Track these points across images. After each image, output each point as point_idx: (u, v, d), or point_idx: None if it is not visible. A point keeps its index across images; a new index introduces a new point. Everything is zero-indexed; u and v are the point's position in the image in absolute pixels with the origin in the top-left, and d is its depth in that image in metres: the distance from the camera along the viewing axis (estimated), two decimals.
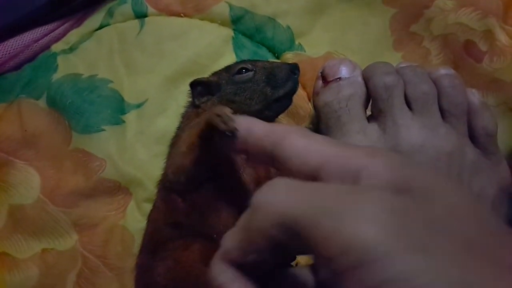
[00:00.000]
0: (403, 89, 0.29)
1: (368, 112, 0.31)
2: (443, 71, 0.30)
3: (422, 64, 0.34)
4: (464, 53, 0.37)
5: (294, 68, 0.31)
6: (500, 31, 0.36)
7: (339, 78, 0.30)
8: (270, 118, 0.32)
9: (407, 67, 0.30)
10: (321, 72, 0.32)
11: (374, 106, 0.30)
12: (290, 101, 0.32)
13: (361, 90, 0.30)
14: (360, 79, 0.30)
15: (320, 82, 0.32)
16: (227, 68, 0.33)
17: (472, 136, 0.29)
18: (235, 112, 0.30)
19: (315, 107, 0.32)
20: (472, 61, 0.36)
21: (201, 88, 0.32)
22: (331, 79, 0.31)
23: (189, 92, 0.33)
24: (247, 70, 0.31)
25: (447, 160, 0.27)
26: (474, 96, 0.30)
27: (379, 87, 0.29)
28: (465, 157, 0.28)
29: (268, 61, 0.33)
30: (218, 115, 0.24)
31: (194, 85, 0.33)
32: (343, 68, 0.31)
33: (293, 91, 0.32)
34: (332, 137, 0.30)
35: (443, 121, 0.29)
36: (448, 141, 0.28)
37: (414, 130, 0.28)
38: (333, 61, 0.32)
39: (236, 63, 0.33)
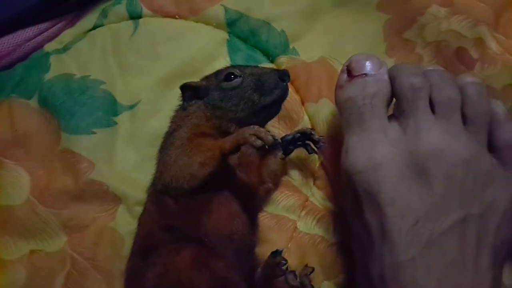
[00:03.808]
0: (429, 92, 0.29)
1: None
2: (469, 79, 0.30)
3: None
4: (455, 60, 0.37)
5: (283, 75, 0.31)
6: (491, 39, 0.36)
7: (365, 74, 0.30)
8: (258, 125, 0.31)
9: (435, 70, 0.30)
10: (346, 66, 0.32)
11: (398, 106, 0.30)
12: (278, 108, 0.32)
13: (386, 89, 0.30)
14: (386, 77, 0.30)
15: (345, 76, 0.31)
16: (217, 73, 0.33)
17: (493, 147, 0.29)
18: (221, 118, 0.31)
19: (336, 101, 0.32)
20: (463, 68, 0.36)
21: (190, 92, 0.32)
22: (356, 74, 0.30)
23: (181, 95, 0.33)
24: (235, 76, 0.31)
25: (464, 167, 0.27)
26: (499, 107, 0.29)
27: (406, 87, 0.29)
28: (482, 167, 0.28)
29: (258, 67, 0.32)
30: (253, 134, 0.27)
31: (184, 88, 0.32)
32: (370, 64, 0.30)
33: (282, 98, 0.31)
34: (352, 132, 0.30)
35: (464, 128, 0.28)
36: (468, 148, 0.27)
37: (436, 134, 0.28)
38: (360, 56, 0.31)
39: (225, 69, 0.33)
